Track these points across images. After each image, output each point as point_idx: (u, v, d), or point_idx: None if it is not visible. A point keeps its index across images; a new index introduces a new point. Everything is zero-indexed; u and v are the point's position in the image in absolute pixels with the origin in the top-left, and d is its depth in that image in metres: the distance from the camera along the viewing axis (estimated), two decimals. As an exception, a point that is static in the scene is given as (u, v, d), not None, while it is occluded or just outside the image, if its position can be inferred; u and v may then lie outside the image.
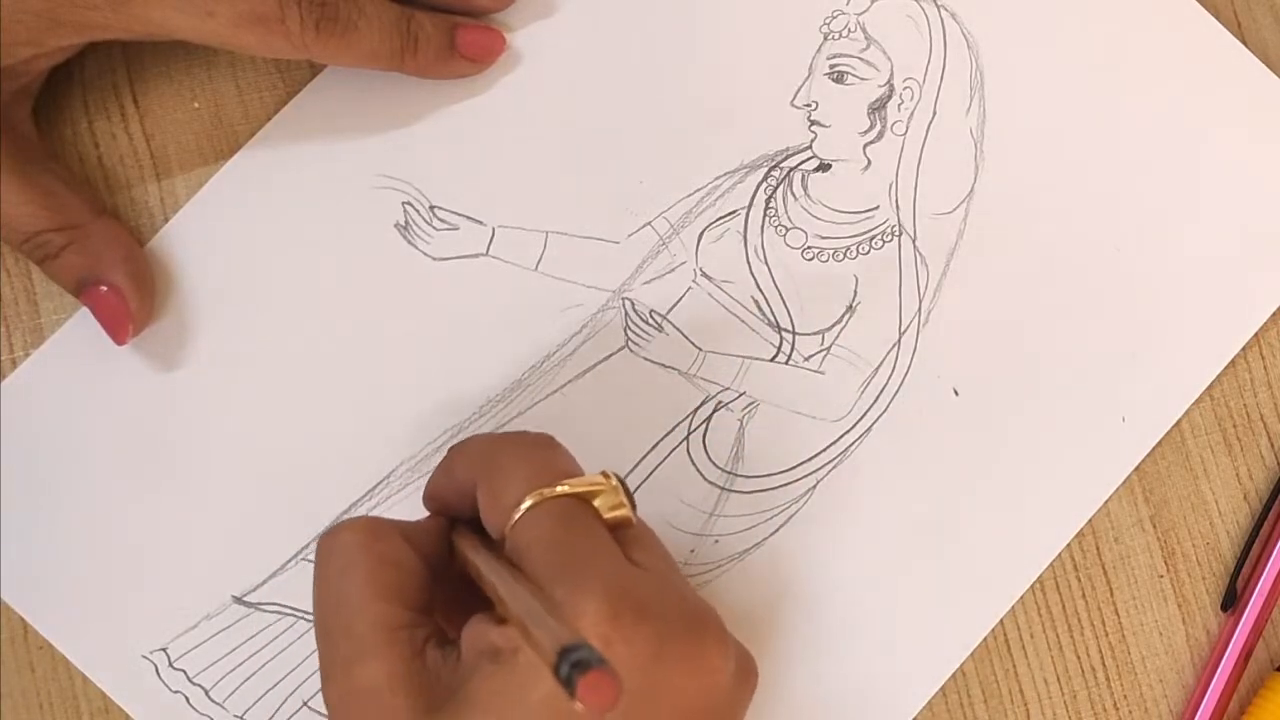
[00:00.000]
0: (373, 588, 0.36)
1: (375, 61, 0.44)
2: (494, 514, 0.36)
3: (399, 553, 0.37)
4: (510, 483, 0.36)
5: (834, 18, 0.47)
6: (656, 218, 0.47)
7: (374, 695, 0.34)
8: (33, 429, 0.44)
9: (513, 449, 0.37)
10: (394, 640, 0.35)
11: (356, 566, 0.36)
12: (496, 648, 0.34)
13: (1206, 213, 0.48)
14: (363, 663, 0.35)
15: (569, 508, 0.36)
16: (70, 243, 0.42)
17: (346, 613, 0.36)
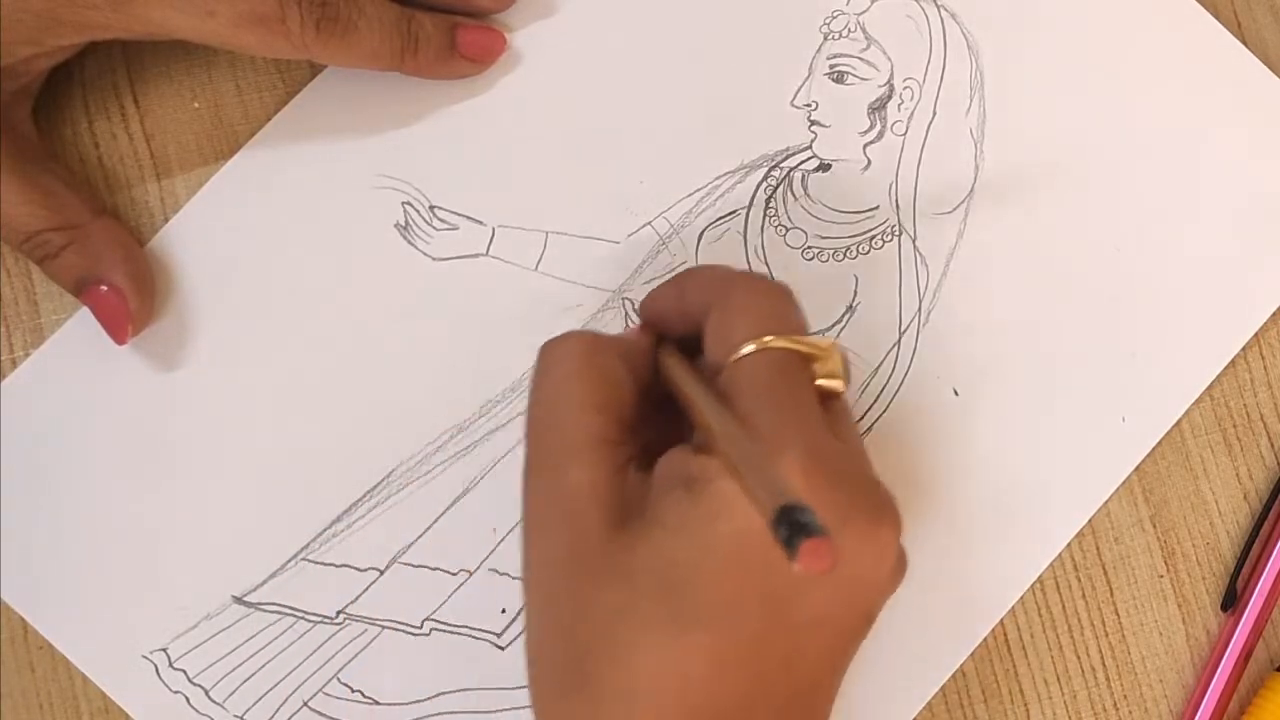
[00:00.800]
0: (590, 398, 0.37)
1: (376, 62, 0.44)
2: (720, 344, 0.37)
3: (617, 371, 0.38)
4: (744, 318, 0.37)
5: (834, 18, 0.48)
6: (656, 218, 0.47)
7: (572, 498, 0.36)
8: (33, 429, 0.44)
9: (753, 286, 0.38)
10: (601, 452, 0.36)
11: (578, 376, 0.37)
12: (692, 475, 0.35)
13: (1206, 213, 0.48)
14: (569, 466, 0.36)
15: (791, 361, 0.36)
16: (70, 242, 0.42)
17: (562, 416, 0.37)
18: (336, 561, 0.44)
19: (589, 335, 0.39)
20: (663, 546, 0.34)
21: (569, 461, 0.36)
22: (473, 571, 0.45)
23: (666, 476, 0.36)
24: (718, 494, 0.34)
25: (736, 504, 0.34)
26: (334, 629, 0.44)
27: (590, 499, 0.36)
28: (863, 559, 0.35)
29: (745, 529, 0.34)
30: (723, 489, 0.34)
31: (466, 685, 0.44)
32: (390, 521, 0.45)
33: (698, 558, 0.34)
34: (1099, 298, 0.47)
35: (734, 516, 0.34)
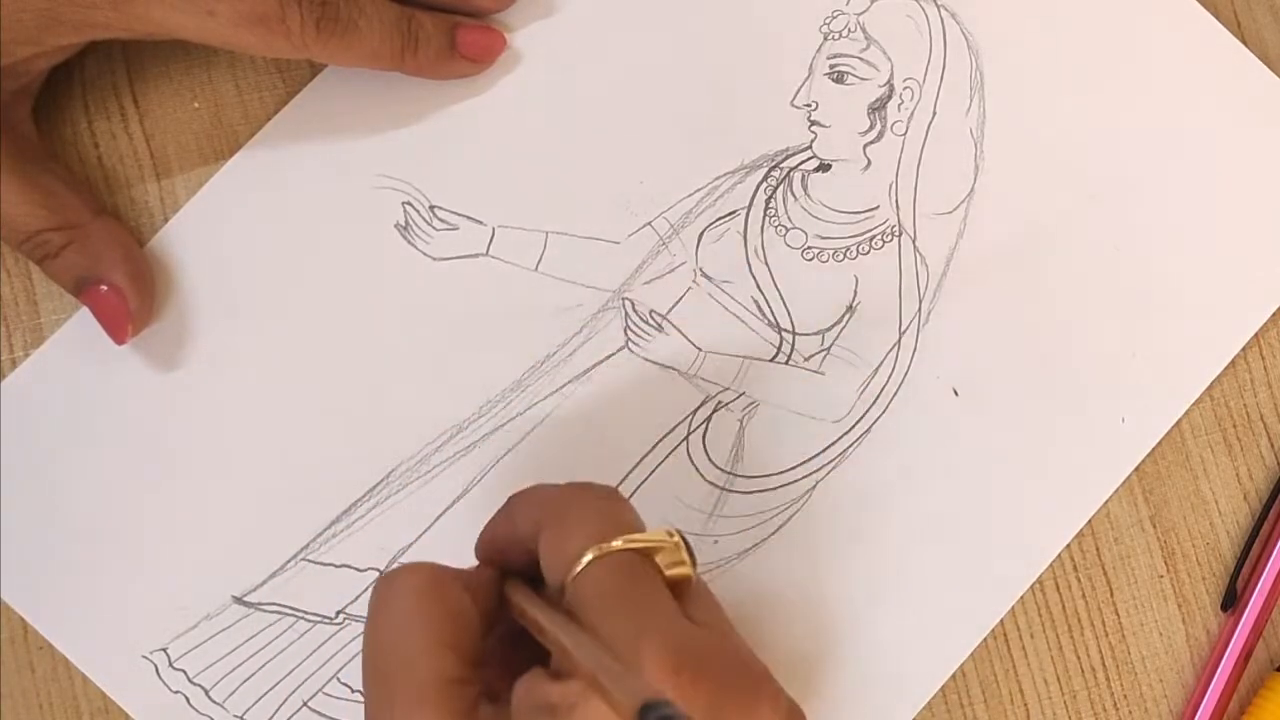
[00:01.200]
0: (433, 638, 0.35)
1: (376, 61, 0.44)
2: (556, 563, 0.36)
3: (460, 604, 0.36)
4: (574, 533, 0.36)
5: (834, 18, 0.48)
6: (656, 218, 0.47)
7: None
8: (33, 429, 0.44)
9: (579, 499, 0.37)
10: (449, 694, 0.35)
11: (418, 614, 0.36)
12: (553, 704, 0.33)
13: (1206, 213, 0.48)
14: (416, 713, 0.34)
15: (631, 562, 0.35)
16: (70, 242, 0.42)
17: (403, 660, 0.35)
18: (336, 561, 0.45)
19: (430, 567, 0.37)
20: None
21: (419, 708, 0.34)
22: (473, 571, 0.45)
23: (524, 707, 0.34)
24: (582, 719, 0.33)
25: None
26: (334, 629, 0.44)
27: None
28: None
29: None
30: (584, 714, 0.33)
31: (466, 685, 0.44)
32: (390, 521, 0.45)
33: None
34: (1099, 298, 0.47)
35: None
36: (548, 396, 0.46)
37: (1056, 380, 0.47)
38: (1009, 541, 0.46)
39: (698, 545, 0.45)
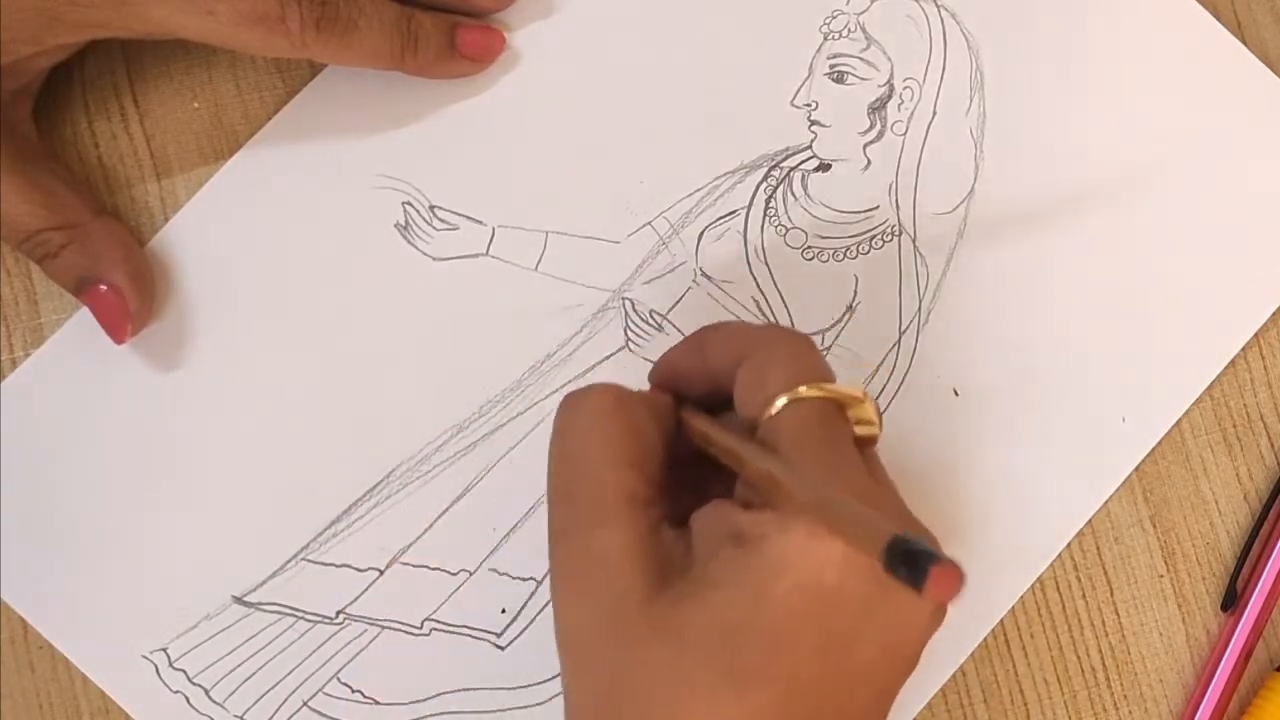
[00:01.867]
0: (620, 454, 0.36)
1: (375, 61, 0.44)
2: (754, 399, 0.36)
3: (645, 424, 0.37)
4: (776, 371, 0.36)
5: (834, 18, 0.48)
6: (656, 218, 0.47)
7: (606, 562, 0.35)
8: (33, 429, 0.44)
9: (781, 339, 0.38)
10: (634, 511, 0.35)
11: (605, 431, 0.36)
12: (742, 533, 0.34)
13: (1206, 213, 0.48)
14: (602, 528, 0.35)
15: (827, 410, 0.36)
16: (70, 242, 0.42)
17: (591, 473, 0.36)
18: (336, 561, 0.45)
19: (615, 388, 0.37)
20: (715, 606, 0.33)
21: (602, 522, 0.35)
22: (473, 571, 0.45)
23: (710, 533, 0.35)
24: (771, 551, 0.33)
25: (793, 559, 0.33)
26: (334, 629, 0.44)
27: (627, 560, 0.35)
28: (908, 603, 0.35)
29: (803, 584, 0.33)
30: (778, 545, 0.33)
31: (466, 685, 0.44)
32: (390, 521, 0.45)
33: (755, 616, 0.33)
34: (1099, 297, 0.47)
35: (791, 572, 0.33)
36: (548, 396, 0.46)
37: (1056, 380, 0.47)
38: (1009, 541, 0.46)
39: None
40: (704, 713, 0.33)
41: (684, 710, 0.33)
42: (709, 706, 0.33)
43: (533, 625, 0.45)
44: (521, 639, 0.45)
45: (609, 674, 0.34)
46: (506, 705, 0.44)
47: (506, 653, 0.45)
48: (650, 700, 0.33)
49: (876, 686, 0.36)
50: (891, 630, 0.35)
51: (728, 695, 0.33)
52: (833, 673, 0.34)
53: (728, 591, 0.33)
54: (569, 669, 0.36)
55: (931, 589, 0.28)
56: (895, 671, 0.36)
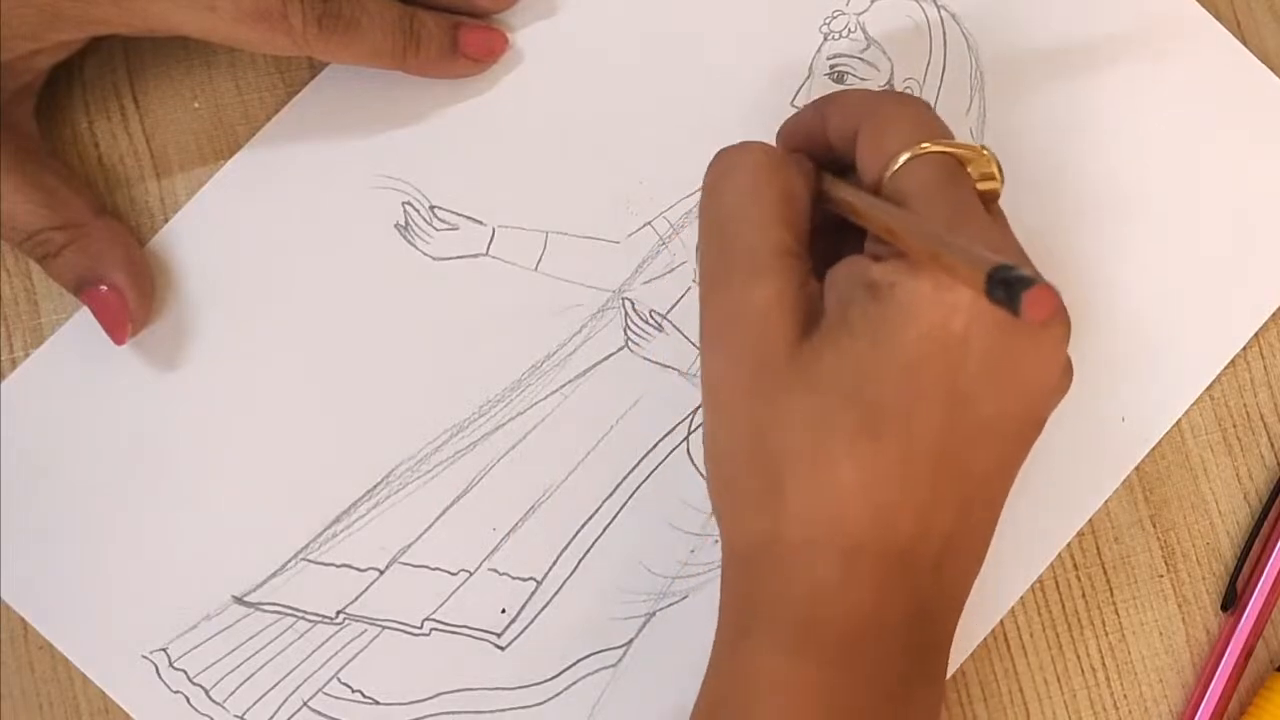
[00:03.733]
0: (773, 212, 0.37)
1: (377, 60, 0.44)
2: (875, 157, 0.37)
3: (795, 184, 0.38)
4: (894, 132, 0.37)
5: (834, 18, 0.48)
6: (656, 218, 0.47)
7: (759, 311, 0.36)
8: (33, 429, 0.44)
9: (898, 102, 0.39)
10: (787, 264, 0.37)
11: (764, 188, 0.38)
12: (874, 281, 0.35)
13: (1206, 213, 0.48)
14: (757, 279, 0.37)
15: (948, 164, 0.37)
16: (71, 241, 0.43)
17: (748, 230, 0.37)
18: (336, 561, 0.45)
19: (767, 146, 0.39)
20: (850, 352, 0.35)
21: (757, 274, 0.37)
22: (472, 571, 0.45)
23: (845, 284, 0.36)
24: (902, 296, 0.35)
25: (922, 305, 0.35)
26: (334, 629, 0.44)
27: (779, 311, 0.36)
28: (1034, 358, 0.36)
29: (931, 330, 0.35)
30: (908, 290, 0.35)
31: (466, 685, 0.45)
32: (390, 521, 0.45)
33: (886, 361, 0.35)
34: (1099, 297, 0.47)
35: (920, 318, 0.35)
36: (548, 396, 0.46)
37: (1056, 380, 0.47)
38: (1009, 541, 0.46)
39: (698, 544, 0.45)
40: (842, 461, 0.35)
41: (824, 459, 0.35)
42: (846, 455, 0.35)
43: (533, 625, 0.45)
44: (521, 639, 0.45)
45: (753, 421, 0.36)
46: (506, 705, 0.45)
47: (506, 653, 0.45)
48: (792, 449, 0.35)
49: (999, 448, 0.37)
50: (1016, 388, 0.36)
51: (862, 443, 0.35)
52: (958, 425, 0.36)
53: (861, 339, 0.35)
54: (714, 417, 0.38)
55: (1028, 309, 0.29)
56: (1019, 435, 0.38)
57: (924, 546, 0.36)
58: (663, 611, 0.45)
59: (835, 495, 0.35)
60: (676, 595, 0.45)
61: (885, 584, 0.36)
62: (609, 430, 0.46)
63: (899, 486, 0.35)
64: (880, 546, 0.36)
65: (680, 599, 0.45)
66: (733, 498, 0.37)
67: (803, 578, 0.36)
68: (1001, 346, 0.35)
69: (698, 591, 0.45)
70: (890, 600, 0.36)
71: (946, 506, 0.36)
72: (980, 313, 0.35)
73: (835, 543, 0.36)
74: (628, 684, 0.45)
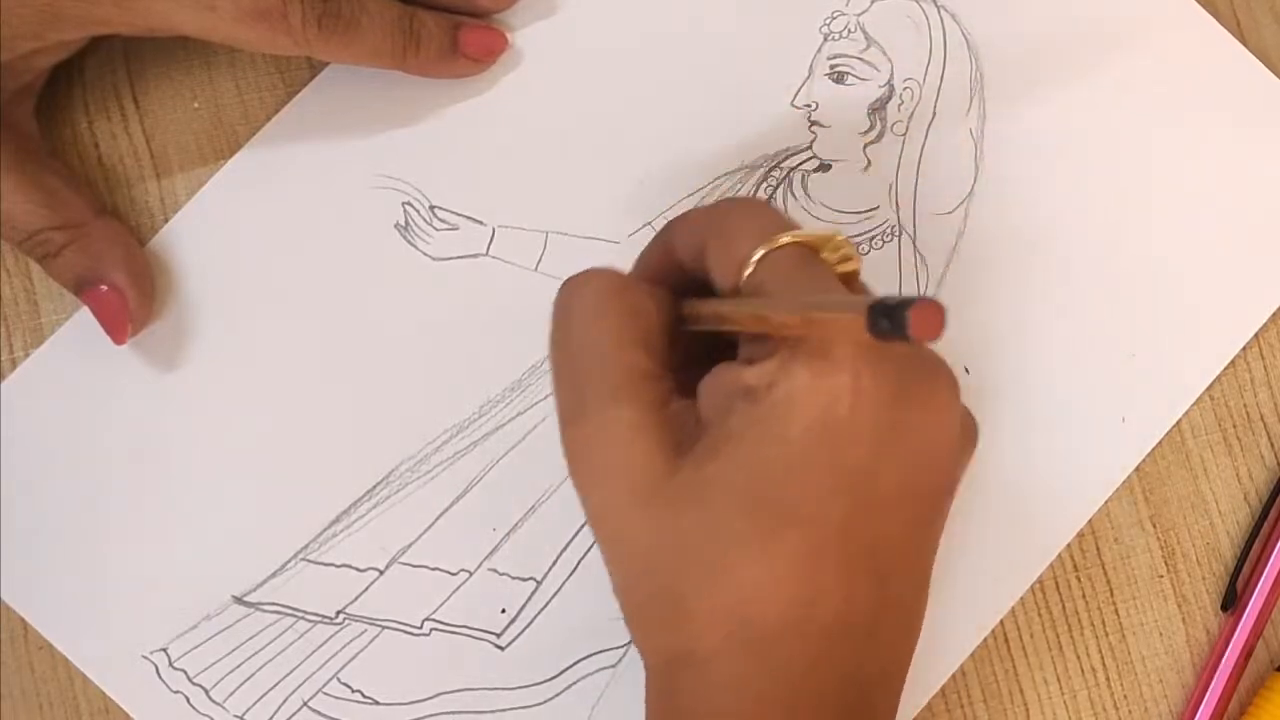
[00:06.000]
0: (624, 334, 0.37)
1: (377, 59, 0.44)
2: (727, 268, 0.36)
3: (646, 303, 0.38)
4: (742, 236, 0.36)
5: (834, 18, 0.48)
6: (656, 218, 0.47)
7: (624, 437, 0.35)
8: (33, 429, 0.45)
9: (737, 209, 0.38)
10: (642, 387, 0.36)
11: (607, 314, 0.37)
12: (750, 386, 0.35)
13: (1206, 213, 0.48)
14: (612, 407, 0.36)
15: (802, 254, 0.36)
16: (71, 241, 0.43)
17: (594, 358, 0.37)
18: (336, 561, 0.45)
19: (611, 273, 0.38)
20: (737, 459, 0.34)
21: (613, 402, 0.36)
22: (472, 572, 0.45)
23: (719, 394, 0.36)
24: (781, 393, 0.34)
25: (802, 397, 0.34)
26: (334, 629, 0.45)
27: (643, 434, 0.35)
28: (930, 419, 0.35)
29: (817, 419, 0.34)
30: (786, 386, 0.34)
31: (466, 685, 0.45)
32: (390, 521, 0.45)
33: (774, 460, 0.34)
34: (1099, 298, 0.48)
35: (803, 410, 0.34)
36: (547, 396, 0.46)
37: (1056, 380, 0.47)
38: (1009, 541, 0.46)
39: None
40: (742, 565, 0.34)
41: (723, 567, 0.34)
42: (745, 558, 0.34)
43: (533, 625, 0.45)
44: (521, 639, 0.45)
45: (645, 546, 0.35)
46: (506, 705, 0.45)
47: (506, 653, 0.45)
48: (688, 564, 0.35)
49: (910, 515, 0.36)
50: (915, 454, 0.35)
51: (761, 544, 0.34)
52: (861, 505, 0.35)
53: (745, 444, 0.34)
54: (605, 548, 0.37)
55: (916, 327, 0.28)
56: (929, 498, 0.37)
57: (848, 620, 0.35)
58: (663, 612, 0.45)
59: (742, 597, 0.34)
60: (677, 595, 0.45)
61: (812, 661, 0.35)
62: (609, 430, 0.46)
63: (809, 575, 0.34)
64: (799, 631, 0.35)
65: (680, 599, 0.45)
66: (642, 621, 0.36)
67: (723, 680, 0.35)
68: (889, 420, 0.34)
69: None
70: (819, 674, 0.35)
71: (862, 582, 0.35)
72: (862, 390, 0.34)
73: (751, 641, 0.35)
74: (628, 684, 0.45)
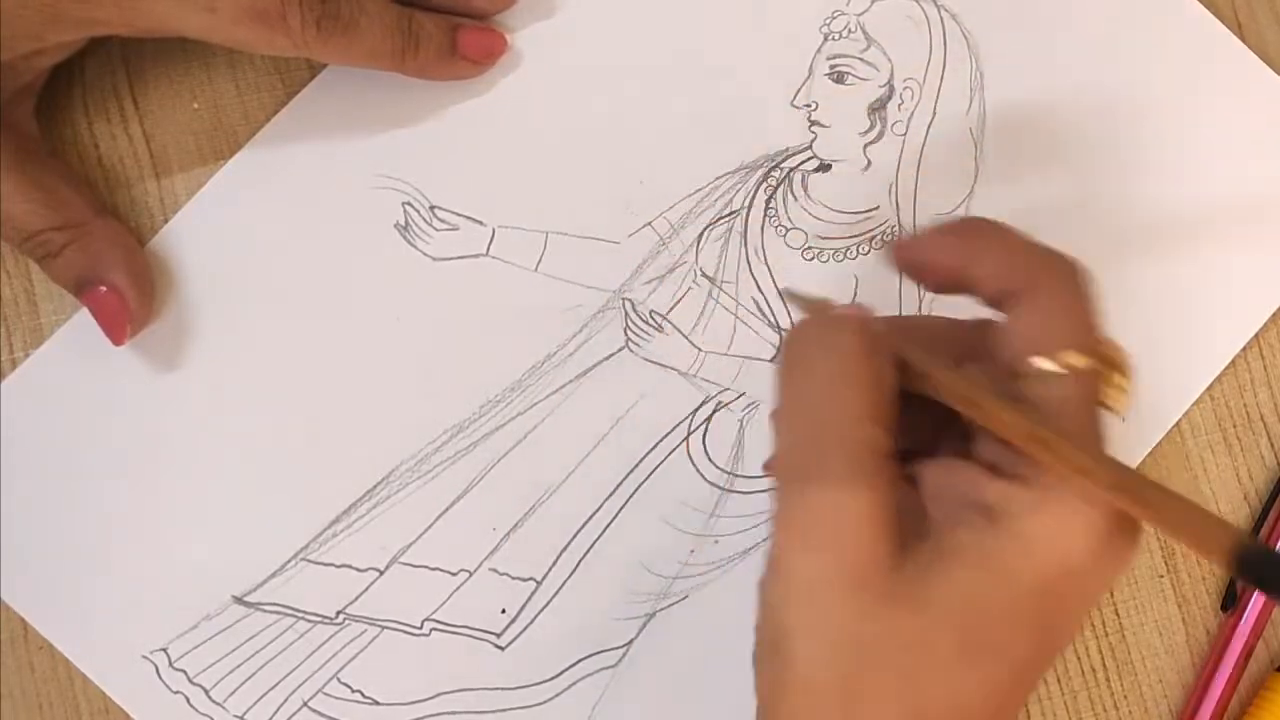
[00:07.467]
0: (868, 408, 0.35)
1: (376, 61, 0.44)
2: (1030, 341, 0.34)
3: (888, 375, 0.36)
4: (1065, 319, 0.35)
5: (834, 18, 0.48)
6: (657, 218, 0.47)
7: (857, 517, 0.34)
8: (32, 429, 0.45)
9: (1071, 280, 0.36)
10: (881, 467, 0.34)
11: (853, 383, 0.35)
12: (990, 505, 0.34)
13: (1206, 213, 0.48)
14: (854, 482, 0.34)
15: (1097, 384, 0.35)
16: (71, 241, 0.43)
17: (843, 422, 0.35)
18: (336, 562, 0.45)
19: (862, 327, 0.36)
20: (962, 583, 0.34)
21: (854, 475, 0.34)
22: (472, 572, 0.45)
23: (952, 500, 0.35)
24: (1023, 530, 0.33)
25: (1043, 543, 0.33)
26: (334, 629, 0.45)
27: (878, 521, 0.34)
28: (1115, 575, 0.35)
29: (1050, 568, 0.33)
30: (1029, 525, 0.33)
31: (466, 685, 0.45)
32: (390, 522, 0.46)
33: (998, 594, 0.34)
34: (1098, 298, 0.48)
35: (1040, 557, 0.33)
36: (548, 396, 0.46)
37: (1056, 380, 0.47)
38: (1009, 541, 0.46)
39: (698, 545, 0.46)
40: (941, 682, 0.34)
41: (925, 679, 0.34)
42: (946, 677, 0.34)
43: (533, 625, 0.46)
44: (521, 639, 0.45)
45: (849, 634, 0.34)
46: (506, 705, 0.45)
47: (506, 653, 0.45)
48: (890, 666, 0.34)
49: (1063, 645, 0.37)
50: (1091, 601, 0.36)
51: (965, 669, 0.34)
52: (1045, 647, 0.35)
53: (975, 570, 0.34)
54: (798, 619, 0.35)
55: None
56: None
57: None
58: (663, 612, 0.46)
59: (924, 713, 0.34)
60: (676, 595, 0.46)
61: None
62: (609, 430, 0.46)
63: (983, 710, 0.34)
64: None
65: (680, 599, 0.46)
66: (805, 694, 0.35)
67: None
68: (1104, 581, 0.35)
69: (698, 591, 0.46)
70: None
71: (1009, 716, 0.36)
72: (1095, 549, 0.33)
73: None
74: (628, 684, 0.45)
